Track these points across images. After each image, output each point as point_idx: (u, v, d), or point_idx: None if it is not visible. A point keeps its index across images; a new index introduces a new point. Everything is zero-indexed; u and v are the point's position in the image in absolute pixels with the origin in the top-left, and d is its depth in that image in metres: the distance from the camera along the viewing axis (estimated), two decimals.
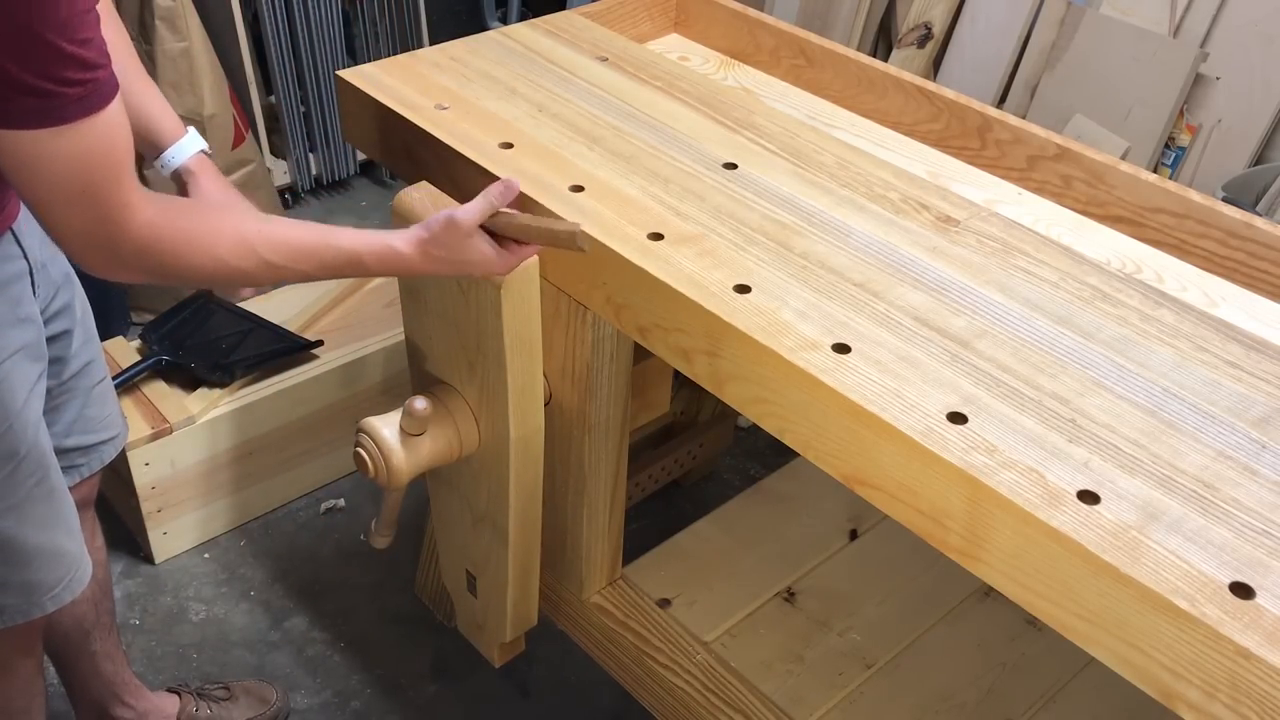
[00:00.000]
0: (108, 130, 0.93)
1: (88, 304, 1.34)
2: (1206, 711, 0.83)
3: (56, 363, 1.27)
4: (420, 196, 1.34)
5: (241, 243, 1.06)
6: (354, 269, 1.13)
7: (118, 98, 0.94)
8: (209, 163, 1.33)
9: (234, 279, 1.08)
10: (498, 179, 1.30)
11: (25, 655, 1.38)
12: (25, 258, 1.17)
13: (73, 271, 1.31)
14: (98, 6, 0.89)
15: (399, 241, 1.14)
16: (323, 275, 1.12)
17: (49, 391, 1.26)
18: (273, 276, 1.09)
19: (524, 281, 1.25)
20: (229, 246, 1.05)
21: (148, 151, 1.30)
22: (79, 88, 0.89)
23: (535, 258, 1.26)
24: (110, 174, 0.95)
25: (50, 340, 1.24)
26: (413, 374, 1.48)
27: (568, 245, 1.16)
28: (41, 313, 1.21)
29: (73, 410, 1.34)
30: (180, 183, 1.32)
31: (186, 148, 1.30)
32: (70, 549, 1.28)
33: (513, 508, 1.43)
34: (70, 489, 1.30)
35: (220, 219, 1.08)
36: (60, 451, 1.29)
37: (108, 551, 2.03)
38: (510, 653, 1.68)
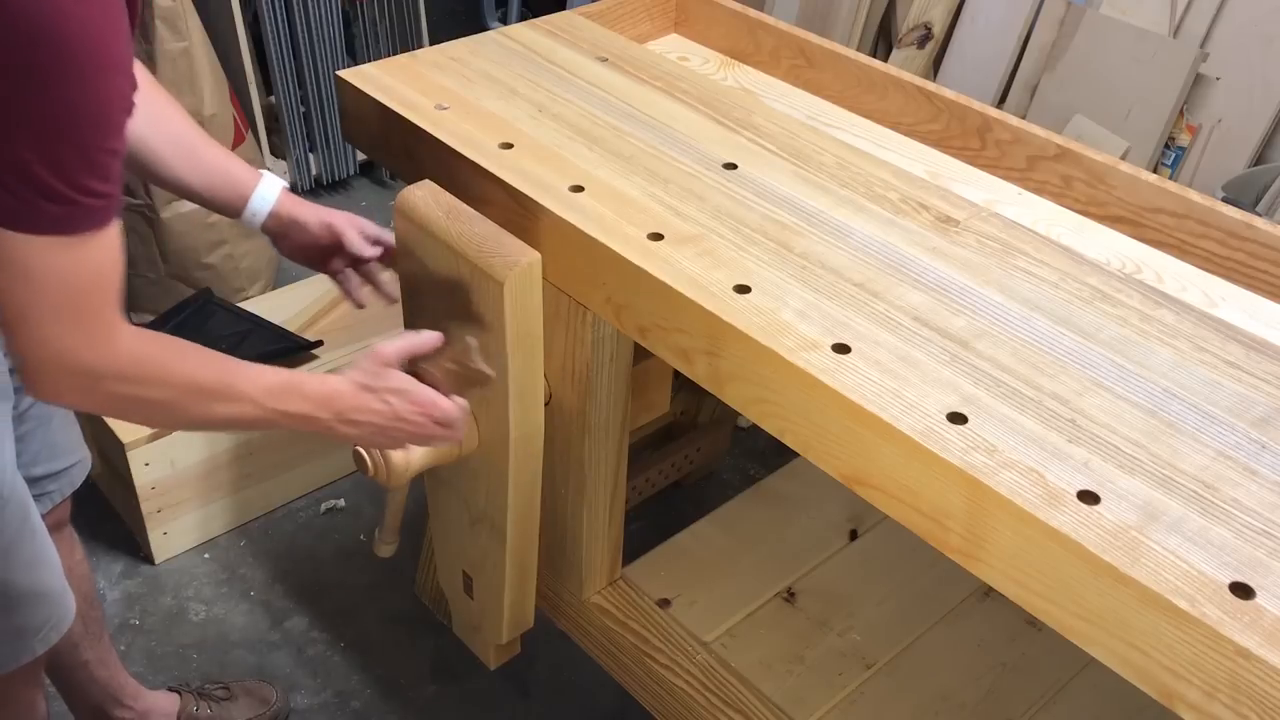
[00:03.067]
0: (112, 248, 0.92)
1: None
2: (1206, 711, 0.83)
3: (16, 392, 1.25)
4: (423, 195, 1.34)
5: (209, 360, 1.06)
6: (294, 401, 1.13)
7: (116, 220, 0.92)
8: (293, 196, 1.36)
9: (196, 407, 1.05)
10: (498, 179, 1.31)
11: (29, 685, 1.37)
12: None
13: None
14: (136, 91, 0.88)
15: (335, 377, 1.19)
16: (265, 408, 1.10)
17: (12, 421, 1.23)
18: (227, 405, 1.07)
19: (526, 280, 1.25)
20: (199, 365, 1.05)
21: (229, 208, 1.33)
22: (100, 200, 0.87)
23: (538, 255, 1.27)
24: (107, 293, 0.93)
25: (12, 371, 1.22)
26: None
27: (475, 375, 1.31)
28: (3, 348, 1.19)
29: (39, 438, 1.32)
30: (278, 225, 1.36)
31: (272, 188, 1.33)
32: (55, 587, 1.26)
33: (511, 508, 1.43)
34: (44, 515, 1.28)
35: (198, 350, 1.07)
36: (31, 480, 1.28)
37: (108, 551, 2.06)
38: (505, 655, 1.68)
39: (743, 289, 1.14)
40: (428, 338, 1.29)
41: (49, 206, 0.85)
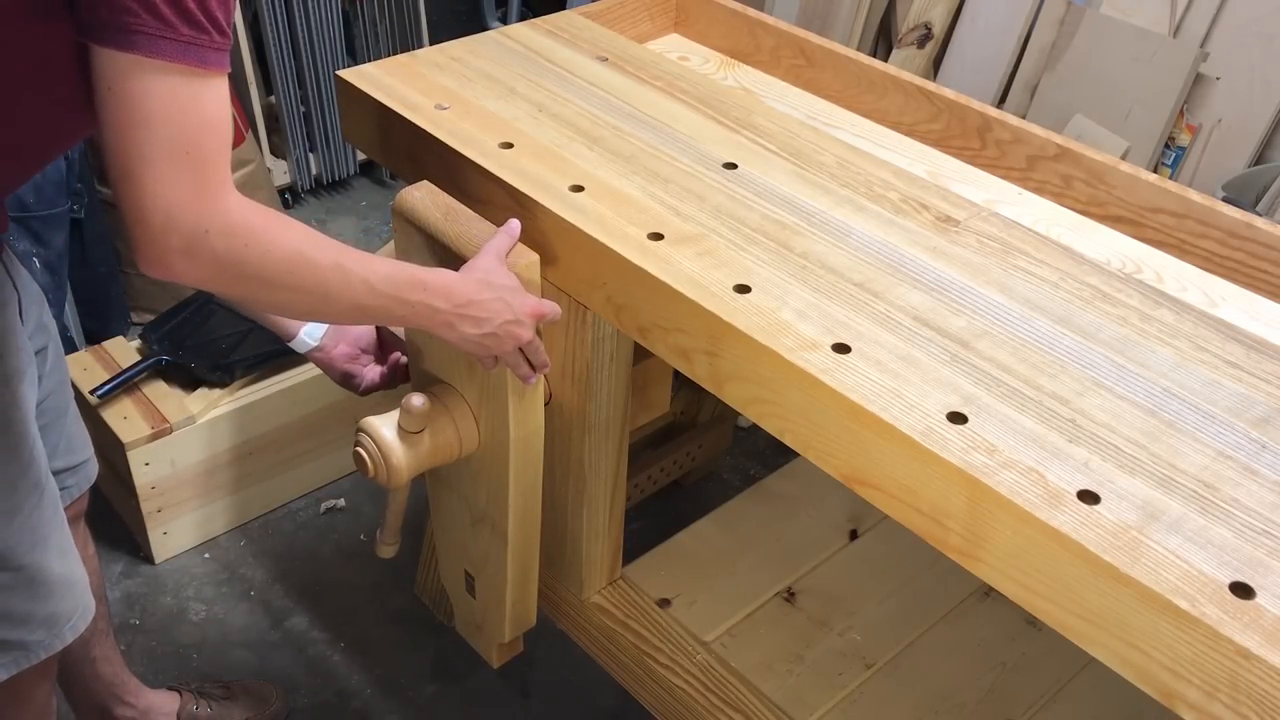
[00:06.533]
0: (226, 103, 0.94)
1: (53, 320, 1.34)
2: (1206, 711, 0.83)
3: (40, 380, 1.26)
4: (422, 196, 1.34)
5: (319, 239, 1.05)
6: (413, 289, 1.13)
7: (226, 75, 0.94)
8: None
9: (306, 279, 1.04)
10: (498, 179, 1.31)
11: (44, 680, 1.37)
12: (14, 284, 1.16)
13: (39, 289, 1.29)
14: None
15: (451, 272, 1.19)
16: (380, 294, 1.10)
17: None
18: (341, 283, 1.06)
19: (525, 281, 1.25)
20: (308, 238, 1.04)
21: (283, 332, 1.40)
22: (223, 39, 0.91)
23: (536, 256, 1.27)
24: (221, 148, 0.94)
25: (38, 353, 1.23)
26: (413, 373, 1.48)
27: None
28: None
29: (57, 431, 1.33)
30: (324, 355, 1.43)
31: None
32: (80, 576, 1.29)
33: (512, 508, 1.43)
34: (64, 509, 1.29)
35: (307, 227, 1.08)
36: (54, 474, 1.28)
37: (108, 552, 2.06)
38: (508, 653, 1.68)
39: (743, 289, 1.14)
40: (514, 227, 1.27)
41: (184, 29, 0.88)
